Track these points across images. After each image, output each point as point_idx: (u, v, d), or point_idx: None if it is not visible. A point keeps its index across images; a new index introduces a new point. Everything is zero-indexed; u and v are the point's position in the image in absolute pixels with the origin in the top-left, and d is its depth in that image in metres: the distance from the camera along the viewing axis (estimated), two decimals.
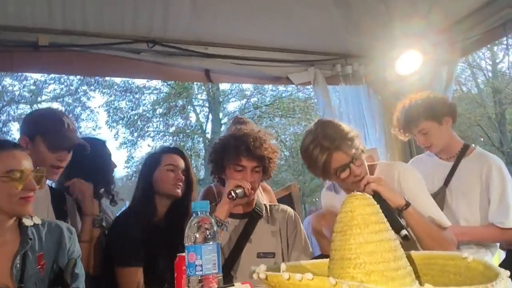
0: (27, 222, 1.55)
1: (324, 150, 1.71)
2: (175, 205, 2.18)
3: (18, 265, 1.47)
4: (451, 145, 2.36)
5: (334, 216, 1.05)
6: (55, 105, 17.36)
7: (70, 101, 17.66)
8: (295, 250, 2.02)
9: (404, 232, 1.53)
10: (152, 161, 2.20)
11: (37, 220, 1.59)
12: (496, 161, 2.27)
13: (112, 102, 17.86)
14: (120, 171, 16.46)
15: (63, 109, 17.46)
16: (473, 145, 2.40)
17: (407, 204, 1.69)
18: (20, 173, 1.49)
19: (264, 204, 2.14)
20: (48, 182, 2.07)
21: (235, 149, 1.91)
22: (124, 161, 17.59)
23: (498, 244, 2.32)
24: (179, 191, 2.14)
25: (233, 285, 1.11)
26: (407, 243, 1.55)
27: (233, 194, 1.82)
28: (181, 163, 2.19)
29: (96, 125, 17.88)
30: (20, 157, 1.53)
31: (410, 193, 1.79)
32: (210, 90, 17.60)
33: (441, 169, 2.33)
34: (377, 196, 1.66)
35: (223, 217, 1.83)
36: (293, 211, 2.15)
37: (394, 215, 1.61)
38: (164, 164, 2.15)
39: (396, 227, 1.52)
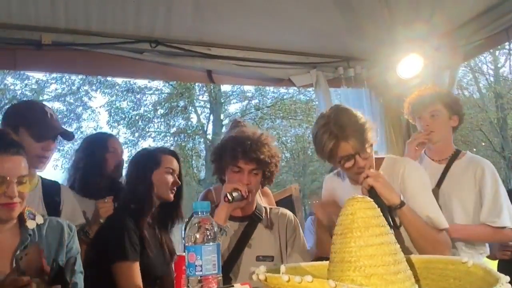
0: (30, 224, 1.53)
1: (332, 137, 1.70)
2: (163, 206, 2.17)
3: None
4: (446, 147, 2.39)
5: (337, 206, 1.04)
6: (57, 105, 17.43)
7: (71, 100, 17.70)
8: (293, 254, 2.02)
9: None
10: (151, 161, 2.14)
11: (40, 220, 1.57)
12: (488, 164, 2.30)
13: (114, 102, 17.90)
14: None
15: (65, 108, 17.54)
16: (464, 151, 2.42)
17: (402, 204, 1.69)
18: (1, 179, 1.42)
19: (264, 207, 2.14)
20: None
21: (233, 151, 1.92)
22: (125, 161, 17.59)
23: (487, 248, 2.33)
24: (172, 196, 2.13)
25: (233, 286, 1.11)
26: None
27: (229, 197, 1.81)
28: (177, 167, 2.18)
29: (97, 125, 17.92)
30: (3, 161, 1.43)
31: (412, 190, 1.78)
32: (212, 91, 17.62)
33: (433, 170, 2.33)
34: (373, 191, 1.67)
35: (222, 221, 1.83)
36: (293, 215, 2.15)
37: (384, 212, 1.60)
38: (164, 166, 2.12)
39: None
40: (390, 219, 1.62)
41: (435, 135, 2.37)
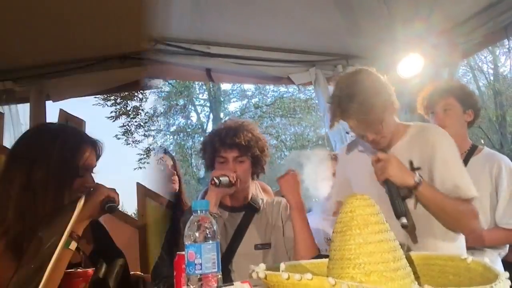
0: None
1: (338, 112, 1.67)
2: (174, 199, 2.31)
3: None
4: (461, 142, 2.30)
5: None
6: None
7: None
8: (289, 236, 2.00)
9: (403, 220, 1.50)
10: None
11: None
12: (505, 160, 2.25)
13: None
14: None
15: None
16: (481, 146, 2.38)
17: (416, 185, 1.63)
18: None
19: (261, 199, 2.15)
20: None
21: (211, 143, 1.94)
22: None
23: (506, 247, 2.28)
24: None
25: (233, 284, 1.11)
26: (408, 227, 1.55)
27: (215, 180, 1.79)
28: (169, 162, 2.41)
29: None
30: None
31: (441, 158, 1.73)
32: (212, 90, 17.59)
33: None
34: (388, 180, 1.63)
35: (212, 207, 1.81)
36: (286, 201, 2.13)
37: (397, 200, 1.58)
38: None
39: (397, 213, 1.51)
40: (402, 206, 1.58)
41: (447, 130, 2.32)
